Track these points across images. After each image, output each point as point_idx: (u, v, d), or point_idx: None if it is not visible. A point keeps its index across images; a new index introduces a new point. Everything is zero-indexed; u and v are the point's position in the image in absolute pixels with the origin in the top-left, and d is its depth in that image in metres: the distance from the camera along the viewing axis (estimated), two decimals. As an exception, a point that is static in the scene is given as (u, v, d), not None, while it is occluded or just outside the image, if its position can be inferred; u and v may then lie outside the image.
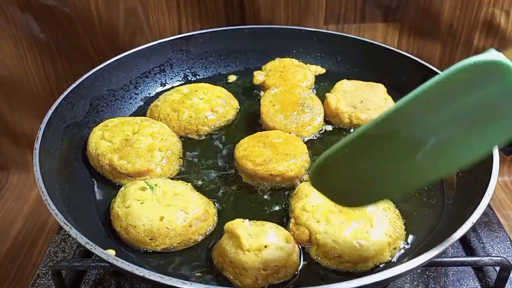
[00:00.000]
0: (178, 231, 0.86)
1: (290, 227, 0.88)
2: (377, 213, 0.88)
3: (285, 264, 0.80)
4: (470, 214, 0.78)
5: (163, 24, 1.42)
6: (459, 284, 0.98)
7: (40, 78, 1.47)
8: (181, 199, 0.91)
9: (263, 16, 1.43)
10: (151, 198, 0.91)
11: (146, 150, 1.02)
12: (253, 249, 0.78)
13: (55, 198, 0.83)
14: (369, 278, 0.67)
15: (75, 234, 0.75)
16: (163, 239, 0.86)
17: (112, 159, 1.00)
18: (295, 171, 0.98)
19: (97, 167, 1.04)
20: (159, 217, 0.87)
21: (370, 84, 1.25)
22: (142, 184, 0.93)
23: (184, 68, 1.37)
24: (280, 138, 1.05)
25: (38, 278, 1.01)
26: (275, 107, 1.14)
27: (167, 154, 1.04)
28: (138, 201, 0.90)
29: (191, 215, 0.88)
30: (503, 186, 1.57)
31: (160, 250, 0.87)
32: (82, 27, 1.39)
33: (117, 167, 0.99)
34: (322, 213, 0.87)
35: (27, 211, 1.49)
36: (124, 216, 0.88)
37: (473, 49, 1.46)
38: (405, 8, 1.43)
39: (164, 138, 1.06)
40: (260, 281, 0.79)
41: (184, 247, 0.88)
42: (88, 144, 1.05)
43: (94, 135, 1.06)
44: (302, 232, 0.86)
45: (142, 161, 1.00)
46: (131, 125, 1.08)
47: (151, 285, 0.88)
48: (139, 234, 0.86)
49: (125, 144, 1.03)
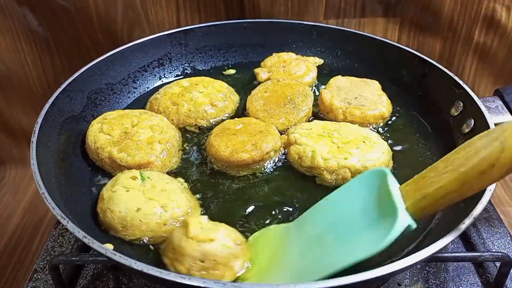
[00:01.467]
0: (151, 226, 0.86)
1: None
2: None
3: (225, 263, 0.78)
4: (471, 209, 0.77)
5: (162, 17, 1.41)
6: (459, 279, 0.97)
7: (37, 72, 1.46)
8: (165, 196, 0.90)
9: (263, 10, 1.42)
10: (138, 189, 0.90)
11: (146, 143, 1.02)
12: (198, 239, 0.77)
13: (52, 192, 0.83)
14: (369, 273, 0.67)
15: (73, 228, 0.74)
16: (133, 230, 0.86)
17: (111, 152, 1.00)
18: (274, 144, 1.03)
19: (96, 160, 1.03)
20: (136, 208, 0.87)
21: (365, 80, 1.24)
22: (134, 174, 0.93)
23: (183, 62, 1.37)
24: (239, 124, 1.07)
25: (36, 272, 1.00)
26: (261, 101, 1.15)
27: (167, 146, 1.03)
28: (125, 188, 0.90)
29: (168, 214, 0.87)
30: (502, 183, 1.57)
31: (129, 240, 0.87)
32: (80, 20, 1.38)
33: (117, 160, 0.99)
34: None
35: (25, 206, 1.48)
36: (107, 199, 0.89)
37: (473, 44, 1.46)
38: (406, 3, 1.43)
39: (164, 130, 1.06)
40: (194, 271, 0.77)
41: (154, 243, 0.87)
42: (87, 138, 1.04)
43: (93, 128, 1.05)
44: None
45: (142, 154, 1.00)
46: (130, 118, 1.08)
47: (149, 279, 0.88)
48: (113, 220, 0.87)
49: (124, 136, 1.03)
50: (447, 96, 1.12)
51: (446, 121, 1.10)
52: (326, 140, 1.02)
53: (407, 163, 1.05)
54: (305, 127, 1.06)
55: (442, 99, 1.14)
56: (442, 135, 1.11)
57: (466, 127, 1.03)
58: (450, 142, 1.07)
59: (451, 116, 1.09)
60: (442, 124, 1.12)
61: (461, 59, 1.49)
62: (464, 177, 0.66)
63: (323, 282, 0.65)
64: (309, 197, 0.96)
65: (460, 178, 0.67)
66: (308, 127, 1.06)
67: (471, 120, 1.02)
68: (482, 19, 1.41)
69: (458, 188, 0.68)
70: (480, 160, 0.64)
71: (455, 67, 1.51)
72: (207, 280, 0.65)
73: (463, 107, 1.06)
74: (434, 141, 1.11)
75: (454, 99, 1.09)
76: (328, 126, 1.06)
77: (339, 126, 1.06)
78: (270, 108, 1.14)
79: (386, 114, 1.15)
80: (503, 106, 1.02)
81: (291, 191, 0.99)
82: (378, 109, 1.13)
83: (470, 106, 1.03)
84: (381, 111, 1.13)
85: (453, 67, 1.51)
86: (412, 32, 1.49)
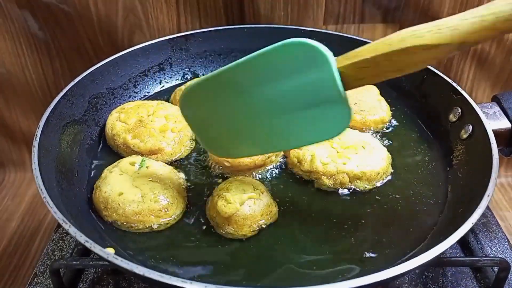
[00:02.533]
0: (126, 212, 0.89)
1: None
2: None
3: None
4: (470, 214, 0.78)
5: (162, 22, 1.41)
6: (458, 284, 0.98)
7: (37, 76, 1.46)
8: (151, 187, 0.92)
9: (263, 15, 1.43)
10: (130, 174, 0.95)
11: (158, 131, 1.08)
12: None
13: (54, 196, 0.83)
14: (367, 279, 0.67)
15: (74, 232, 0.75)
16: (111, 212, 0.90)
17: (126, 138, 1.06)
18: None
19: (113, 147, 1.10)
20: (119, 191, 0.91)
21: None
22: (135, 159, 0.99)
23: (183, 66, 1.37)
24: None
25: (36, 276, 1.00)
26: None
27: (179, 135, 1.08)
28: (120, 171, 0.96)
29: (145, 205, 0.89)
30: (499, 187, 1.58)
31: (107, 221, 0.91)
32: (81, 24, 1.38)
33: (130, 146, 1.06)
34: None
35: (24, 209, 1.48)
36: (102, 178, 0.96)
37: (471, 50, 1.47)
38: (405, 9, 1.44)
39: (178, 120, 1.10)
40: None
41: (128, 229, 0.90)
42: (106, 126, 1.12)
43: (112, 117, 1.13)
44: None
45: (153, 140, 1.05)
46: (146, 108, 1.14)
47: (150, 283, 0.88)
48: (98, 199, 0.92)
49: (139, 124, 1.09)
50: (445, 102, 1.12)
51: (445, 127, 1.11)
52: (326, 144, 1.02)
53: (406, 169, 1.05)
54: None
55: (440, 105, 1.15)
56: (441, 141, 1.11)
57: (464, 132, 1.03)
58: (448, 147, 1.07)
59: (450, 122, 1.10)
60: (440, 129, 1.13)
61: (459, 65, 1.50)
62: (392, 45, 0.68)
63: (321, 287, 0.66)
64: (308, 200, 0.97)
65: (389, 42, 0.68)
66: None
67: (469, 126, 1.02)
68: (480, 25, 1.42)
69: (387, 52, 0.68)
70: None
71: (453, 73, 1.52)
72: (209, 285, 0.65)
73: (461, 113, 1.07)
74: (433, 147, 1.12)
75: (452, 105, 1.10)
76: None
77: (339, 131, 1.06)
78: None
79: (386, 119, 1.16)
80: (500, 112, 1.03)
81: (289, 194, 0.99)
82: (378, 114, 1.14)
83: (468, 112, 1.04)
84: (381, 116, 1.14)
85: (451, 73, 1.52)
86: (411, 38, 1.49)
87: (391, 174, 1.03)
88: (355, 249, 0.88)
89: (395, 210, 0.96)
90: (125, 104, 1.17)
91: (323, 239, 0.90)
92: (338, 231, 0.91)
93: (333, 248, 0.88)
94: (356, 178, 0.98)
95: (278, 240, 0.89)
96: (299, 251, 0.87)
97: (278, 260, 0.85)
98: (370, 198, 0.98)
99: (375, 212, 0.95)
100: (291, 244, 0.89)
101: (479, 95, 1.54)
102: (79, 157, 1.06)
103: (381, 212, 0.95)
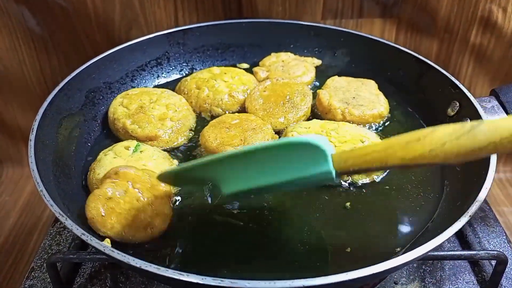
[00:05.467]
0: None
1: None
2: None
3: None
4: (467, 207, 0.78)
5: (159, 17, 1.41)
6: (455, 278, 0.98)
7: (34, 71, 1.45)
8: (143, 170, 0.93)
9: (260, 10, 1.42)
10: (124, 158, 0.97)
11: (157, 118, 1.10)
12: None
13: (50, 189, 0.83)
14: (365, 271, 0.67)
15: (71, 225, 0.74)
16: None
17: (125, 123, 1.09)
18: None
19: (113, 131, 1.13)
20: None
21: (361, 80, 1.24)
22: (130, 144, 1.01)
23: (181, 61, 1.37)
24: (236, 119, 1.08)
25: (33, 271, 1.00)
26: (260, 100, 1.16)
27: (177, 125, 1.10)
28: (114, 155, 0.98)
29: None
30: (497, 183, 1.58)
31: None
32: (78, 19, 1.38)
33: (129, 131, 1.08)
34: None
35: (22, 205, 1.47)
36: (98, 160, 0.99)
37: (470, 45, 1.46)
38: (403, 4, 1.43)
39: (178, 110, 1.13)
40: None
41: None
42: (109, 109, 1.15)
43: (115, 101, 1.16)
44: None
45: (151, 127, 1.08)
46: (149, 95, 1.16)
47: (147, 276, 0.88)
48: (92, 179, 0.95)
49: (139, 110, 1.12)
50: (443, 96, 1.12)
51: (443, 121, 1.11)
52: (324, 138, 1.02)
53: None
54: (303, 126, 1.06)
55: (438, 99, 1.14)
56: (439, 135, 1.11)
57: (462, 127, 1.03)
58: (446, 141, 1.07)
59: (448, 116, 1.10)
60: (438, 124, 1.11)
61: (457, 59, 1.50)
62: (390, 141, 0.70)
63: (320, 279, 0.65)
64: (306, 195, 0.97)
65: (386, 142, 0.71)
66: (306, 125, 1.06)
67: (467, 120, 1.02)
68: (479, 20, 1.42)
69: (382, 149, 0.70)
70: (410, 133, 0.70)
71: (451, 68, 1.51)
72: (205, 277, 0.65)
73: (460, 107, 1.07)
74: (431, 141, 1.12)
75: (450, 99, 1.10)
76: (327, 125, 1.06)
77: (337, 126, 1.06)
78: (269, 107, 1.14)
79: (385, 113, 1.15)
80: (498, 106, 1.02)
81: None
82: (377, 109, 1.14)
83: (466, 106, 1.04)
84: (379, 111, 1.14)
85: (450, 67, 1.51)
86: (409, 33, 1.49)
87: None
88: (351, 242, 0.87)
89: (392, 203, 0.96)
90: (130, 90, 1.20)
91: (318, 231, 0.90)
92: (335, 223, 0.91)
93: (328, 241, 0.88)
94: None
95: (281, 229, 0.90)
96: (295, 243, 0.87)
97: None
98: (368, 191, 0.98)
99: (372, 205, 0.95)
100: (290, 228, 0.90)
101: (477, 89, 1.54)
102: (76, 151, 1.06)
103: (378, 205, 0.95)
